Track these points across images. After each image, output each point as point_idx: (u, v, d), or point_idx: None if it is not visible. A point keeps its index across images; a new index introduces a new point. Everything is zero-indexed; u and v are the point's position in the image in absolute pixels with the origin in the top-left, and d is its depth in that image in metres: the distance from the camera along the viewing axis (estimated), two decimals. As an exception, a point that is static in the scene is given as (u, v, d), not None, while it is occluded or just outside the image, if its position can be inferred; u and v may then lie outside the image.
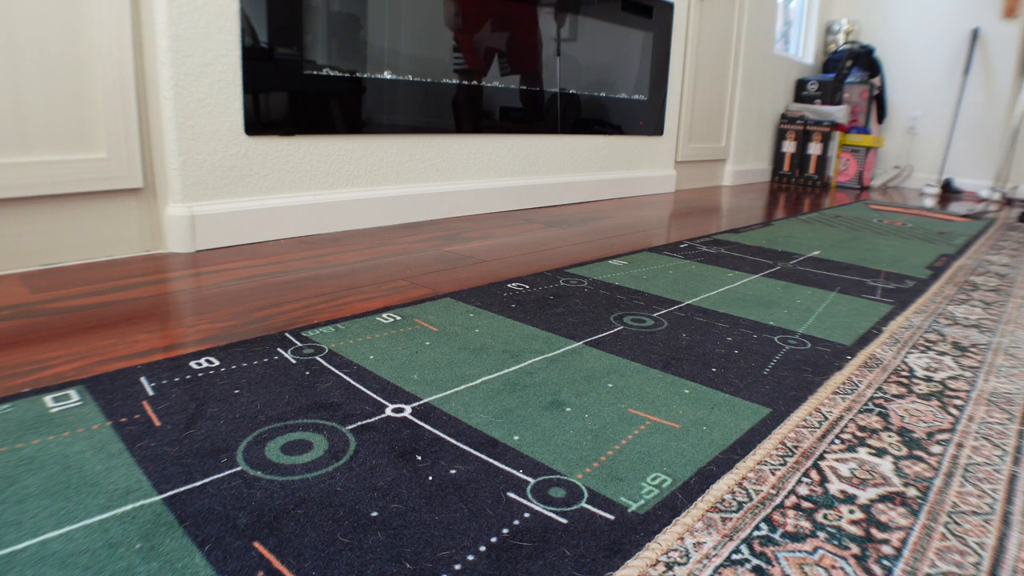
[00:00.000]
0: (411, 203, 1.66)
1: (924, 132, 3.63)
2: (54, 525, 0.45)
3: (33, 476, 0.51)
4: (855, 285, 1.24)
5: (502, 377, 0.74)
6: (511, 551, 0.45)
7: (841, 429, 0.65)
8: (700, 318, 0.99)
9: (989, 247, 1.77)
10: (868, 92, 3.55)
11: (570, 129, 2.12)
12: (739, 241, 1.64)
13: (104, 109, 1.12)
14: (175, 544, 0.44)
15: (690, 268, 1.31)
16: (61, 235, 1.12)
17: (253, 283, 1.07)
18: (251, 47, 1.29)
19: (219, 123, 1.27)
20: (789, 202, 2.59)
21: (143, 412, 0.61)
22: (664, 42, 2.45)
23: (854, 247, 1.64)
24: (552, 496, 0.51)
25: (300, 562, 0.43)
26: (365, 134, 1.54)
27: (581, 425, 0.63)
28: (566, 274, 1.21)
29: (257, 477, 0.52)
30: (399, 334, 0.86)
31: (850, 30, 3.74)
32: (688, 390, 0.73)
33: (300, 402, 0.65)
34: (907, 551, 0.47)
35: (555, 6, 1.97)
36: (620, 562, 0.44)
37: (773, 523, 0.49)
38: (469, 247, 1.42)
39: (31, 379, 0.68)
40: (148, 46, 1.17)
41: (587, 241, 1.56)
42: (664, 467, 0.56)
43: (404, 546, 0.45)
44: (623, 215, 1.99)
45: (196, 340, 0.81)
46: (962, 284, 1.30)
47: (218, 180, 1.29)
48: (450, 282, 1.13)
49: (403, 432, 0.60)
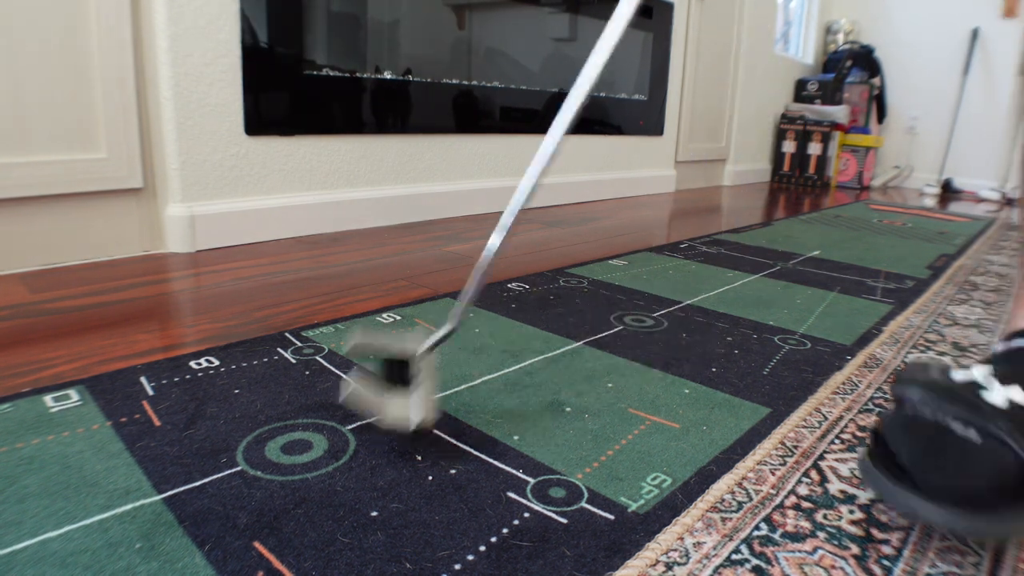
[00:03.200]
0: (411, 203, 1.66)
1: (924, 132, 3.63)
2: (54, 525, 0.45)
3: (33, 476, 0.51)
4: (855, 285, 1.24)
5: (502, 377, 0.74)
6: (511, 551, 0.45)
7: (841, 429, 0.65)
8: (700, 318, 0.99)
9: (989, 247, 1.77)
10: (868, 92, 3.55)
11: (570, 129, 2.12)
12: (739, 241, 1.64)
13: (104, 109, 1.12)
14: (175, 544, 0.44)
15: (690, 268, 1.31)
16: (61, 235, 1.12)
17: (253, 283, 1.07)
18: (251, 47, 1.29)
19: (219, 123, 1.27)
20: (789, 202, 2.59)
21: (143, 412, 0.62)
22: (664, 42, 2.45)
23: (854, 247, 1.64)
24: (552, 496, 0.51)
25: (300, 562, 0.43)
26: (365, 134, 1.54)
27: (581, 425, 0.63)
28: (566, 274, 1.21)
29: (257, 477, 0.52)
30: (399, 334, 0.86)
31: (850, 30, 3.73)
32: (688, 390, 0.73)
33: (300, 402, 0.65)
34: (907, 551, 0.47)
35: (555, 6, 1.97)
36: (620, 562, 0.44)
37: (773, 523, 0.49)
38: (469, 247, 1.42)
39: (31, 379, 0.68)
40: (148, 46, 1.17)
41: (587, 241, 1.56)
42: (664, 467, 0.56)
43: (404, 546, 0.45)
44: (623, 215, 1.99)
45: (196, 340, 0.81)
46: (962, 284, 1.30)
47: (218, 180, 1.29)
48: (450, 282, 1.13)
49: (403, 432, 0.60)
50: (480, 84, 1.79)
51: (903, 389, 0.49)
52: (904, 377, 0.51)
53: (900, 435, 0.46)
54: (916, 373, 0.51)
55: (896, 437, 0.46)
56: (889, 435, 0.46)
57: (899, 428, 0.46)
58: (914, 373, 0.51)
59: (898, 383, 0.50)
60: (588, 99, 0.62)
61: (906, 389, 0.49)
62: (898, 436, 0.46)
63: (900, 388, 0.49)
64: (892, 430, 0.46)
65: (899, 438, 0.45)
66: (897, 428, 0.47)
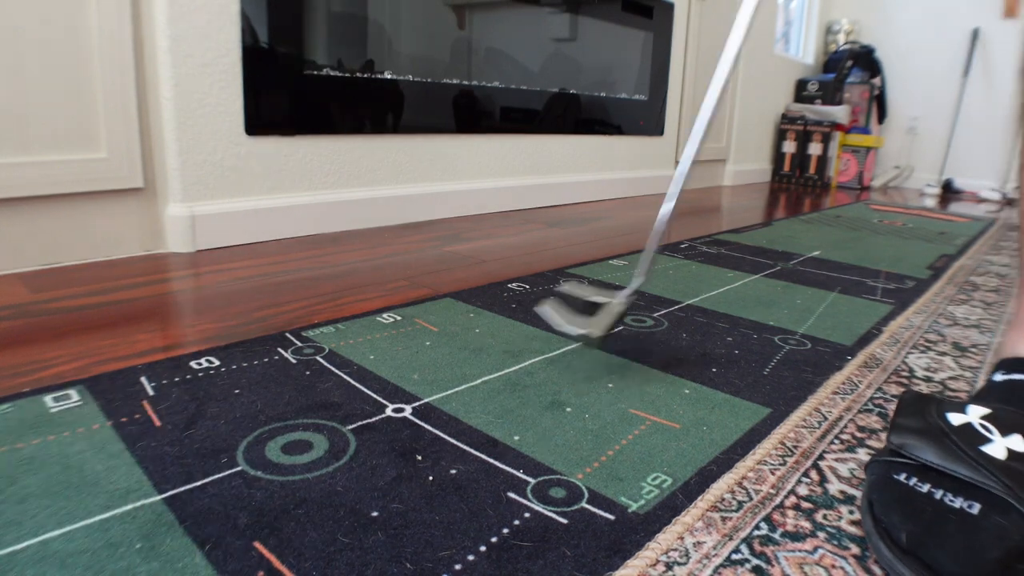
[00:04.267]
0: (411, 203, 1.66)
1: (924, 132, 3.63)
2: (54, 525, 0.45)
3: (33, 476, 0.51)
4: (855, 285, 1.24)
5: (502, 377, 0.74)
6: (511, 551, 0.45)
7: (841, 429, 0.65)
8: (700, 318, 0.99)
9: (989, 247, 1.77)
10: (868, 92, 3.55)
11: (570, 129, 2.13)
12: (739, 241, 1.64)
13: (104, 109, 1.12)
14: (175, 544, 0.44)
15: (690, 268, 1.31)
16: (61, 235, 1.12)
17: (253, 283, 1.07)
18: (251, 47, 1.29)
19: (219, 123, 1.27)
20: (789, 202, 2.59)
21: (143, 412, 0.62)
22: (664, 42, 2.45)
23: (854, 247, 1.64)
24: (552, 496, 0.51)
25: (300, 562, 0.43)
26: (365, 134, 1.54)
27: (581, 425, 0.63)
28: (566, 274, 1.21)
29: (257, 477, 0.52)
30: (399, 334, 0.86)
31: (850, 30, 3.73)
32: (688, 390, 0.73)
33: (300, 402, 0.65)
34: (907, 551, 0.46)
35: (555, 6, 1.97)
36: (620, 562, 0.44)
37: (773, 523, 0.49)
38: (469, 247, 1.42)
39: (31, 379, 0.68)
40: (148, 46, 1.17)
41: (587, 241, 1.56)
42: (664, 467, 0.56)
43: (404, 546, 0.45)
44: (623, 215, 1.99)
45: (196, 340, 0.81)
46: (962, 284, 1.30)
47: (218, 180, 1.29)
48: (450, 282, 1.13)
49: (403, 432, 0.60)
50: (480, 84, 1.79)
51: (901, 440, 0.48)
52: (900, 424, 0.50)
53: (896, 513, 0.45)
54: (910, 419, 0.50)
55: (892, 517, 0.44)
56: (884, 514, 0.45)
57: (894, 504, 0.45)
58: (908, 418, 0.50)
59: (895, 431, 0.50)
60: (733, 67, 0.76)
61: (903, 441, 0.48)
62: (894, 514, 0.45)
63: (898, 439, 0.49)
64: (886, 507, 0.45)
65: (895, 517, 0.44)
66: (892, 504, 0.45)
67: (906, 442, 0.48)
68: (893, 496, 0.46)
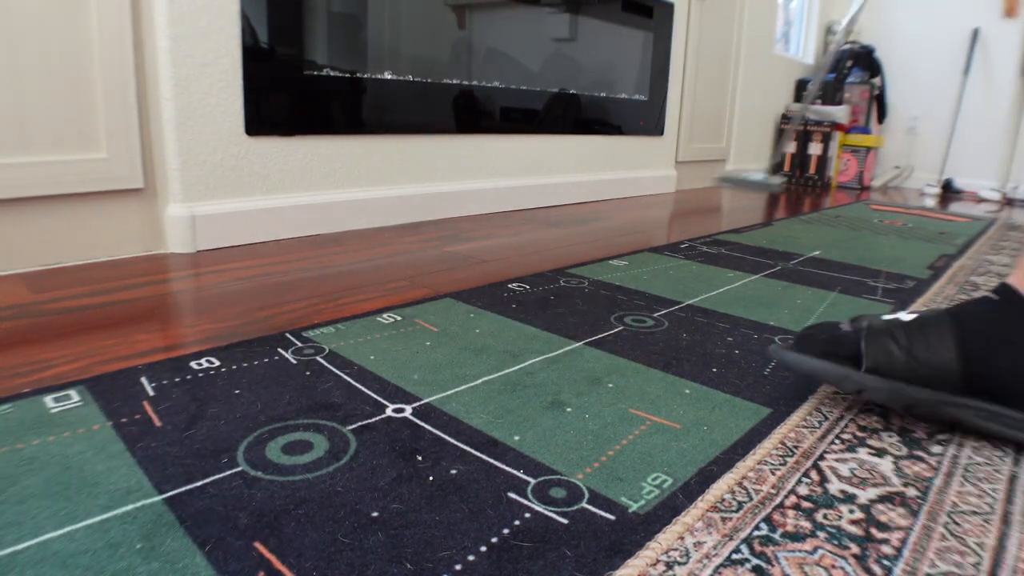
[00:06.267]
0: (411, 203, 1.66)
1: (924, 132, 3.63)
2: (55, 525, 0.45)
3: (34, 476, 0.51)
4: (856, 285, 1.24)
5: (503, 377, 0.74)
6: (512, 551, 0.45)
7: (841, 429, 0.65)
8: (701, 318, 0.99)
9: (989, 247, 1.77)
10: (868, 92, 3.55)
11: (570, 129, 2.13)
12: (739, 241, 1.64)
13: (105, 109, 1.12)
14: (176, 544, 0.44)
15: (691, 268, 1.31)
16: (62, 235, 1.12)
17: (254, 283, 1.07)
18: (251, 47, 1.29)
19: (219, 123, 1.27)
20: (789, 202, 2.59)
21: (144, 412, 0.62)
22: (664, 42, 2.45)
23: (855, 247, 1.64)
24: (553, 496, 0.51)
25: (301, 562, 0.43)
26: (365, 134, 1.54)
27: (582, 425, 0.63)
28: (567, 274, 1.21)
29: (258, 477, 0.52)
30: (400, 334, 0.86)
31: (850, 30, 3.73)
32: (689, 390, 0.73)
33: (301, 402, 0.65)
34: (907, 551, 0.47)
35: (555, 6, 1.97)
36: (620, 562, 0.44)
37: (773, 523, 0.49)
38: (469, 247, 1.42)
39: (32, 379, 0.68)
40: (148, 46, 1.17)
41: (588, 241, 1.56)
42: (665, 467, 0.56)
43: (405, 546, 0.45)
44: (624, 215, 1.99)
45: (197, 340, 0.81)
46: (963, 284, 1.30)
47: (218, 180, 1.29)
48: (451, 282, 1.13)
49: (403, 432, 0.60)
50: (480, 84, 1.79)
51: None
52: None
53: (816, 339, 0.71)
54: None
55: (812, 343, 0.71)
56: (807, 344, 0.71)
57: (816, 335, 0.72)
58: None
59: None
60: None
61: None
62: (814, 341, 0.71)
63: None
64: (811, 338, 0.72)
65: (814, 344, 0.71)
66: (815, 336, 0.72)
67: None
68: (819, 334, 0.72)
